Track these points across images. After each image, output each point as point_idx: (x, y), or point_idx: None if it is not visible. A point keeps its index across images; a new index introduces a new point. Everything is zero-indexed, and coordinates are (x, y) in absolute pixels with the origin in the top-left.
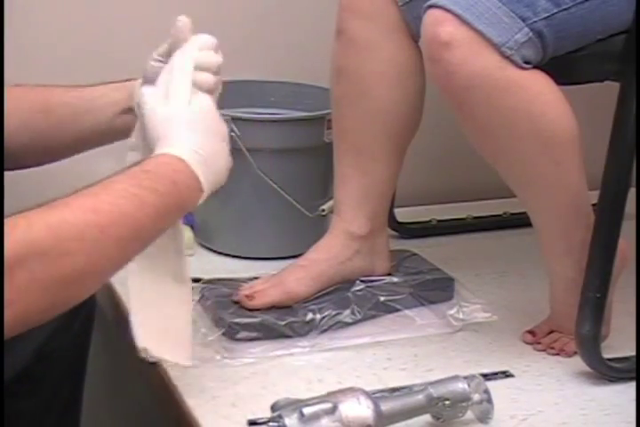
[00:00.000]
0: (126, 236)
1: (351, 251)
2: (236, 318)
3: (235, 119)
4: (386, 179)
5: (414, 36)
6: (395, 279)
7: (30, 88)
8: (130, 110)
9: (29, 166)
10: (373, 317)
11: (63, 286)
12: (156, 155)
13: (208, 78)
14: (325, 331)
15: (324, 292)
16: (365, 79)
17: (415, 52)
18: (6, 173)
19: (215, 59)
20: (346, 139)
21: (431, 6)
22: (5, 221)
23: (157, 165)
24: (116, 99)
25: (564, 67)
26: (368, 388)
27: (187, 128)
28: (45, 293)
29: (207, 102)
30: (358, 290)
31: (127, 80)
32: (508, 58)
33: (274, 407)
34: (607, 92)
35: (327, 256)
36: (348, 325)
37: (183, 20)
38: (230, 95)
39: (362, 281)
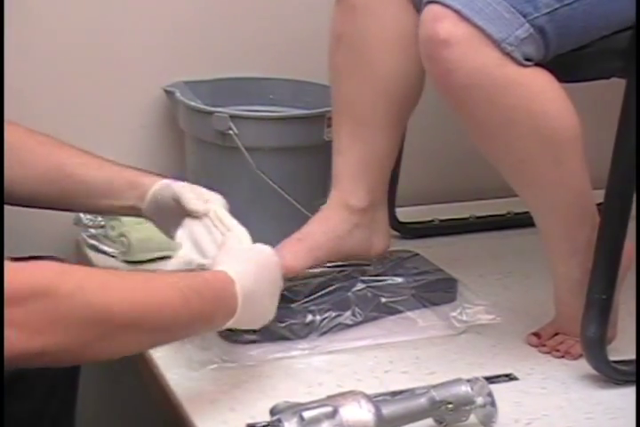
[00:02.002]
0: (161, 325)
1: (350, 224)
2: None
3: (233, 117)
4: (386, 149)
5: (416, 3)
6: (397, 280)
7: (40, 146)
8: (136, 209)
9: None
10: (375, 318)
11: (100, 340)
12: (215, 269)
13: None
14: (325, 333)
15: (323, 292)
16: (365, 46)
17: (416, 19)
18: None
19: None
20: (345, 108)
21: (430, 2)
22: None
23: (214, 275)
24: (130, 198)
25: (568, 64)
26: (369, 391)
27: (250, 264)
28: (79, 339)
29: (270, 252)
30: (359, 290)
31: (142, 170)
32: (508, 54)
33: (273, 411)
34: (612, 89)
35: (324, 229)
36: (348, 327)
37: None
38: (229, 93)
39: (363, 281)
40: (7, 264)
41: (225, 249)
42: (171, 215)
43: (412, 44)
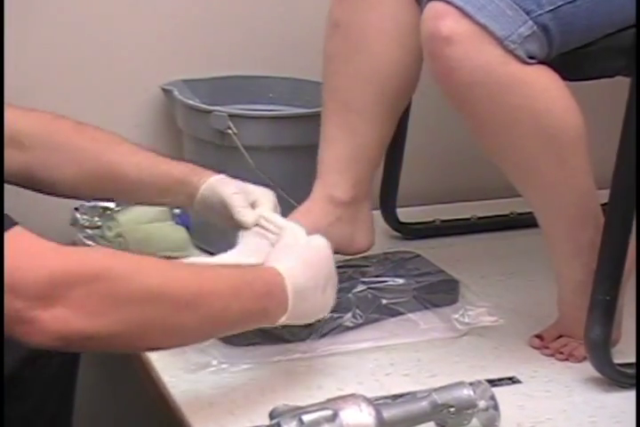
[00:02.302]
0: (215, 312)
1: (332, 218)
2: None
3: (232, 116)
4: (375, 142)
5: None
6: (398, 281)
7: (93, 143)
8: (187, 205)
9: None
10: (375, 320)
11: (155, 325)
12: (266, 265)
13: None
14: (326, 335)
15: None
16: (362, 34)
17: (416, 9)
18: None
19: None
20: (336, 97)
21: None
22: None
23: (265, 270)
24: (179, 197)
25: (572, 62)
26: (370, 394)
27: (300, 259)
28: (137, 324)
29: (324, 245)
30: (359, 291)
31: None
32: (511, 52)
33: (272, 415)
34: (616, 88)
35: (305, 222)
36: (349, 329)
37: None
38: (228, 91)
39: (363, 282)
40: (58, 247)
41: (277, 247)
42: (220, 215)
43: (409, 35)
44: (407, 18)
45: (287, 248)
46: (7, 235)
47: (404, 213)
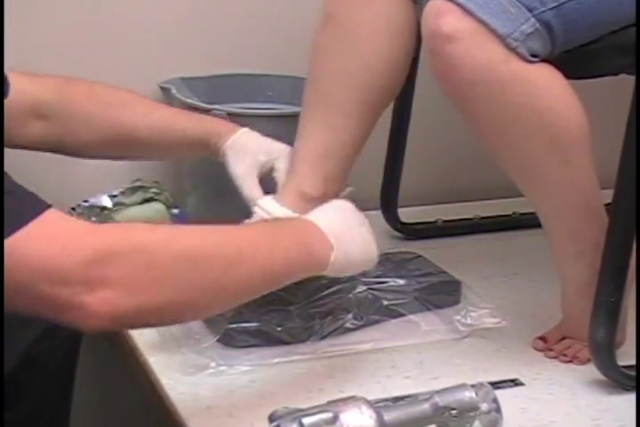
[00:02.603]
0: (256, 271)
1: (300, 212)
2: (232, 324)
3: (230, 114)
4: (352, 140)
5: None
6: (399, 282)
7: (107, 108)
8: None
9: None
10: (376, 322)
11: (194, 293)
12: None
13: None
14: (326, 337)
15: (323, 294)
16: (353, 30)
17: (411, 9)
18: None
19: None
20: (318, 90)
21: None
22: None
23: (297, 220)
24: (198, 153)
25: (576, 60)
26: (371, 397)
27: (329, 209)
28: (178, 290)
29: (343, 200)
30: (360, 292)
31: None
32: (513, 50)
33: (272, 417)
34: (621, 86)
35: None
36: (349, 330)
37: None
38: (227, 90)
39: (364, 283)
40: (90, 227)
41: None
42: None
43: (400, 34)
44: (401, 17)
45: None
46: (41, 219)
47: (406, 214)
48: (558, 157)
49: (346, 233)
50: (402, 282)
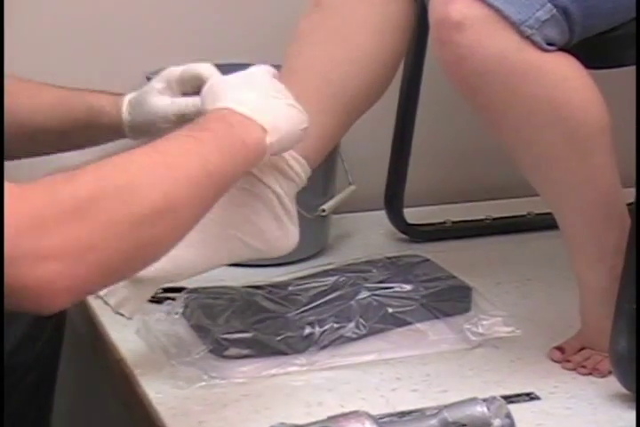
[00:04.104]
0: (197, 174)
1: None
2: (224, 333)
3: None
4: (326, 137)
5: None
6: (405, 288)
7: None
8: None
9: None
10: (380, 331)
11: (143, 227)
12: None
13: None
14: (326, 347)
15: (323, 300)
16: (343, 18)
17: (410, 7)
18: None
19: None
20: (294, 80)
21: None
22: (73, 171)
23: (207, 117)
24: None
25: (596, 49)
26: (374, 412)
27: (226, 88)
28: (126, 235)
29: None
30: (363, 298)
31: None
32: (528, 38)
33: None
34: None
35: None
36: (351, 340)
37: None
38: None
39: (367, 289)
40: (18, 192)
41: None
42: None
43: (393, 31)
44: (398, 14)
45: (220, 88)
46: None
47: (412, 214)
48: (577, 154)
49: (263, 105)
50: (408, 288)
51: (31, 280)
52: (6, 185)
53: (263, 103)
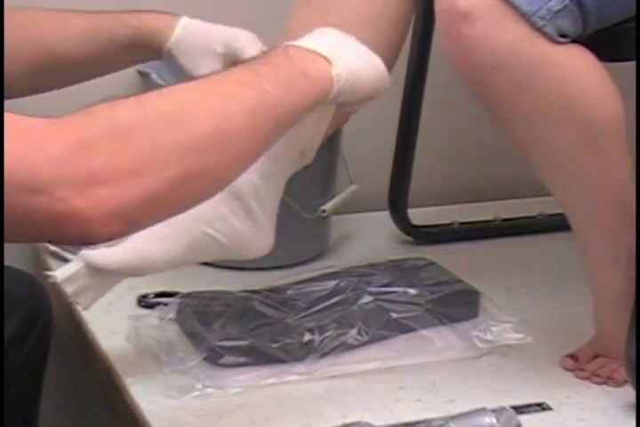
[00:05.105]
0: (253, 104)
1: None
2: (220, 340)
3: None
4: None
5: None
6: (410, 292)
7: (19, 30)
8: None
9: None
10: (384, 338)
11: (191, 155)
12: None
13: None
14: (327, 355)
15: (323, 305)
16: (337, 11)
17: (409, 4)
18: None
19: None
20: None
21: None
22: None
23: (264, 54)
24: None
25: (611, 41)
26: (378, 423)
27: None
28: (172, 162)
29: None
30: (365, 303)
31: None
32: (539, 30)
33: None
34: None
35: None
36: (353, 347)
37: None
38: None
39: (370, 293)
40: (50, 120)
41: None
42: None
43: (390, 29)
44: (397, 11)
45: None
46: None
47: (417, 215)
48: (590, 151)
49: (340, 44)
50: (413, 292)
51: (82, 204)
52: (35, 120)
53: (329, 40)
